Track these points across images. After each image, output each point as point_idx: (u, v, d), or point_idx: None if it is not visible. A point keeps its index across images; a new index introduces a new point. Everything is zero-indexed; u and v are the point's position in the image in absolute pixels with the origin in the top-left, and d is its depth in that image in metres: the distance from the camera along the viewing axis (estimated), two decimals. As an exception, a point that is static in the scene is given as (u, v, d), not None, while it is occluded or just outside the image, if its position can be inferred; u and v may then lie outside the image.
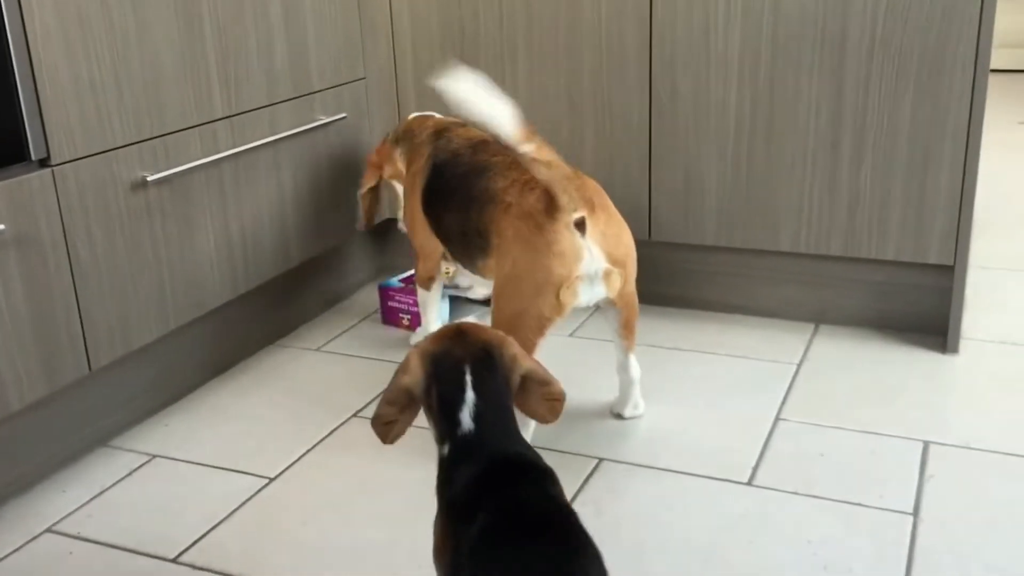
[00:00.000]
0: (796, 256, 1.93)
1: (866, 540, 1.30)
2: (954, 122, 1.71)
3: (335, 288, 2.17)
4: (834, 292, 1.93)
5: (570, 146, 1.97)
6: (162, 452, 1.59)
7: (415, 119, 1.87)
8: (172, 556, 1.32)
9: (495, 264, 1.52)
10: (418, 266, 1.82)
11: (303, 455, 1.56)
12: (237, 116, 1.72)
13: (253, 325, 1.92)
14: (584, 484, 1.44)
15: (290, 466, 1.53)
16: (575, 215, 1.42)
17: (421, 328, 1.93)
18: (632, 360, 1.59)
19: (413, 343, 1.93)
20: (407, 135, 1.84)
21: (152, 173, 1.55)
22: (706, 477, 1.45)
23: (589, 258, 1.44)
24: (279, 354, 1.93)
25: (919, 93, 1.71)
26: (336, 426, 1.64)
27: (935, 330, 1.87)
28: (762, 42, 1.79)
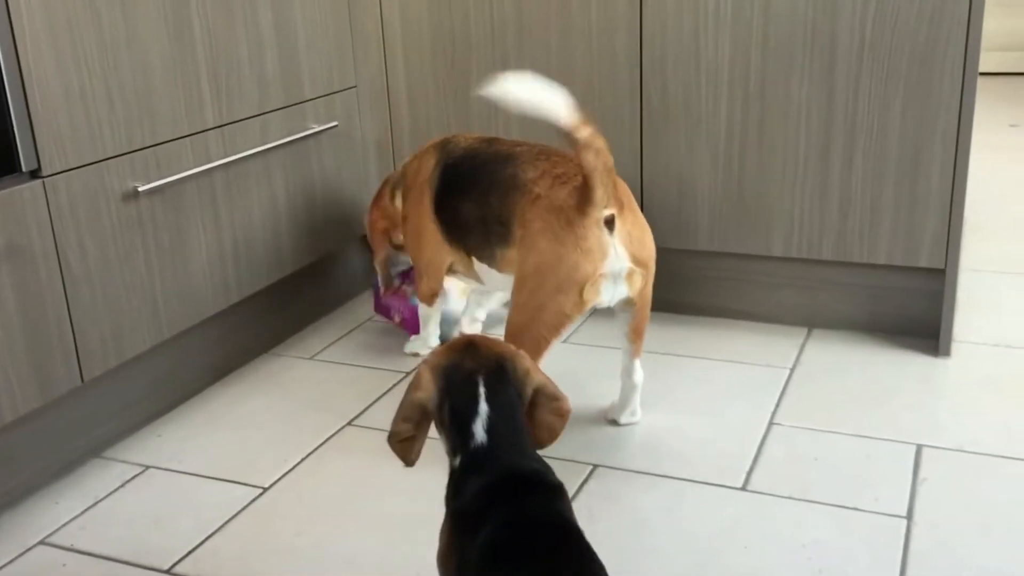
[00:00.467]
0: (788, 260, 1.93)
1: (860, 543, 1.30)
2: (944, 125, 1.71)
3: (328, 296, 2.17)
4: (826, 296, 1.94)
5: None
6: (156, 463, 1.59)
7: (409, 159, 1.83)
8: (166, 567, 1.32)
9: (517, 256, 1.49)
10: (421, 284, 1.79)
11: (297, 464, 1.56)
12: (228, 125, 1.72)
13: (246, 334, 1.92)
14: (579, 490, 1.44)
15: (284, 475, 1.53)
16: (605, 212, 1.42)
17: (418, 338, 1.93)
18: (637, 365, 1.59)
19: (408, 351, 1.93)
20: (402, 171, 1.82)
21: (143, 183, 1.55)
22: (701, 482, 1.45)
23: (615, 256, 1.43)
24: (273, 363, 1.93)
25: (909, 96, 1.72)
26: (330, 435, 1.64)
27: (927, 333, 1.87)
28: (752, 46, 1.79)
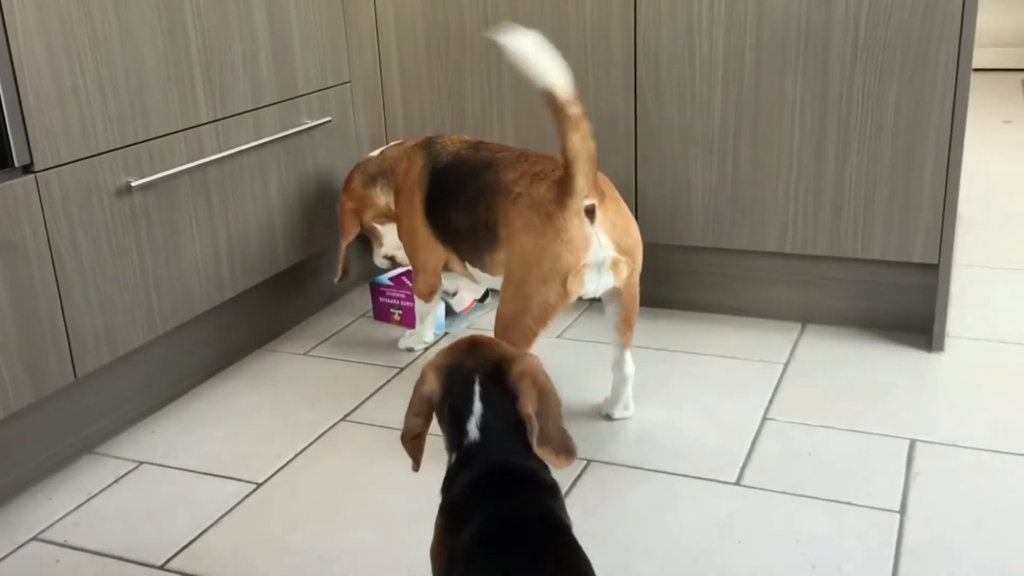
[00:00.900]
0: (782, 256, 1.93)
1: (854, 538, 1.30)
2: (937, 121, 1.72)
3: (321, 292, 2.16)
4: (820, 292, 1.94)
5: (556, 147, 1.97)
6: (149, 459, 1.58)
7: (388, 148, 1.86)
8: (160, 563, 1.32)
9: (504, 256, 1.51)
10: (418, 281, 1.80)
11: (291, 460, 1.56)
12: (222, 120, 1.72)
13: (240, 330, 1.92)
14: (573, 485, 1.45)
15: (278, 471, 1.53)
16: (586, 202, 1.42)
17: (413, 333, 1.93)
18: (628, 357, 1.59)
19: (402, 346, 1.93)
20: (384, 163, 1.83)
21: (137, 178, 1.55)
22: (694, 477, 1.45)
23: (598, 246, 1.43)
24: (267, 359, 1.93)
25: (902, 92, 1.72)
26: (324, 431, 1.64)
27: (920, 328, 1.88)
28: (746, 43, 1.79)
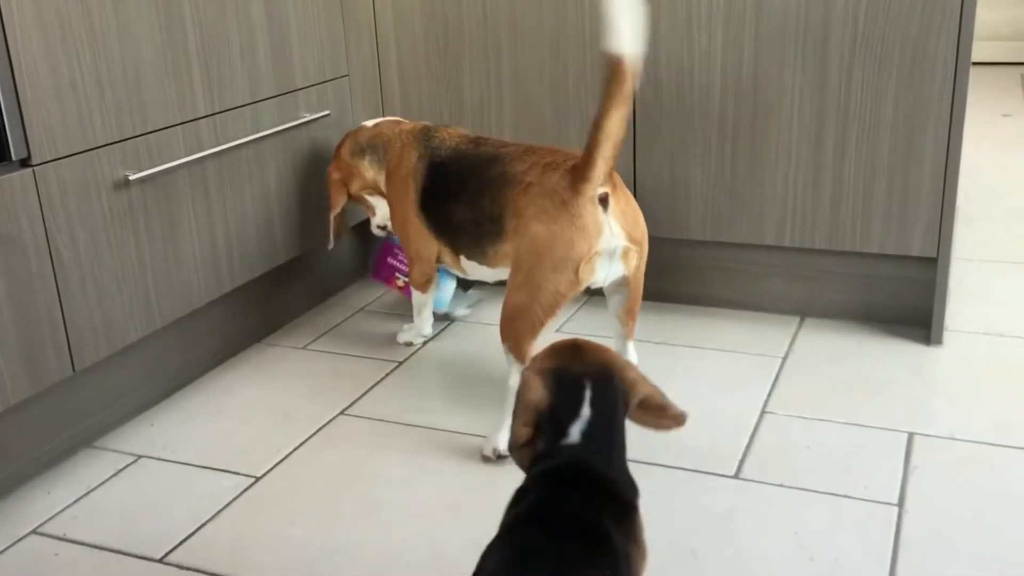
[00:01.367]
0: (781, 250, 1.93)
1: (852, 531, 1.30)
2: (936, 115, 1.71)
3: (321, 286, 2.16)
4: (819, 285, 1.94)
5: (555, 140, 1.97)
6: (148, 452, 1.58)
7: (381, 124, 1.85)
8: (158, 556, 1.32)
9: (511, 246, 1.51)
10: (414, 271, 1.80)
11: (290, 454, 1.56)
12: (220, 114, 1.72)
13: (238, 324, 1.92)
14: (571, 479, 1.45)
15: (277, 465, 1.53)
16: (600, 190, 1.43)
17: (411, 326, 1.93)
18: (631, 348, 1.59)
19: (401, 340, 1.93)
20: (375, 140, 1.82)
21: (134, 172, 1.54)
22: (693, 471, 1.45)
23: (609, 234, 1.44)
24: (265, 353, 1.93)
25: (901, 86, 1.72)
26: (322, 425, 1.64)
27: (919, 322, 1.88)
28: (745, 36, 1.79)
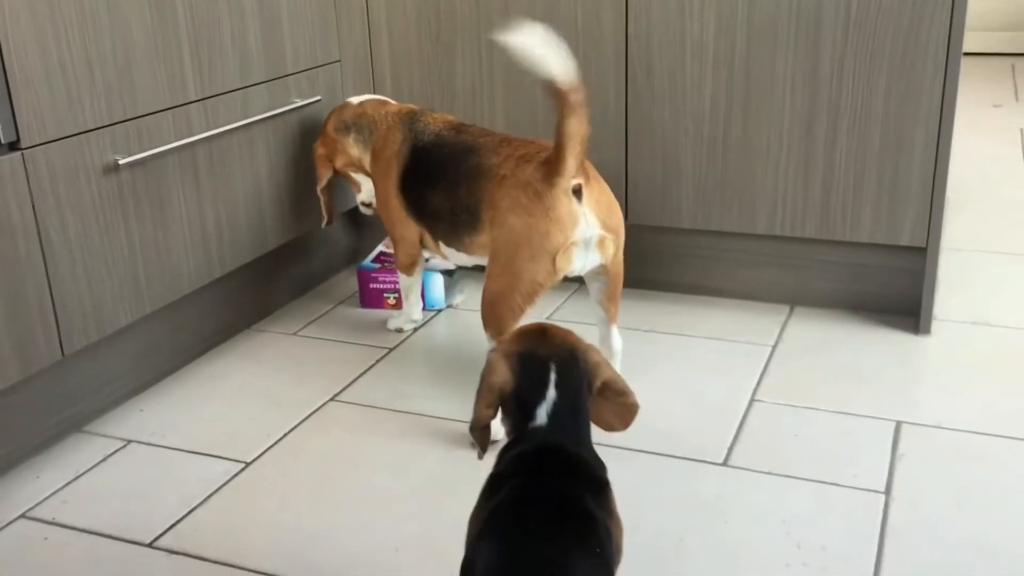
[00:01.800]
0: (771, 238, 1.94)
1: (839, 518, 1.31)
2: (927, 104, 1.72)
3: (311, 272, 2.16)
4: (809, 274, 1.95)
5: (546, 128, 1.96)
6: (137, 437, 1.58)
7: (366, 103, 1.85)
8: (148, 541, 1.32)
9: (487, 237, 1.53)
10: (398, 253, 1.80)
11: (280, 440, 1.56)
12: (210, 99, 1.71)
13: (229, 309, 1.91)
14: (560, 466, 1.45)
15: (267, 450, 1.53)
16: (573, 182, 1.45)
17: (402, 313, 1.93)
18: (615, 332, 1.60)
19: (392, 327, 1.93)
20: (360, 119, 1.83)
21: (124, 156, 1.54)
22: (682, 458, 1.46)
23: (585, 224, 1.46)
24: (256, 338, 1.92)
25: (892, 76, 1.72)
26: (313, 410, 1.64)
27: (908, 311, 1.89)
28: (737, 24, 1.79)
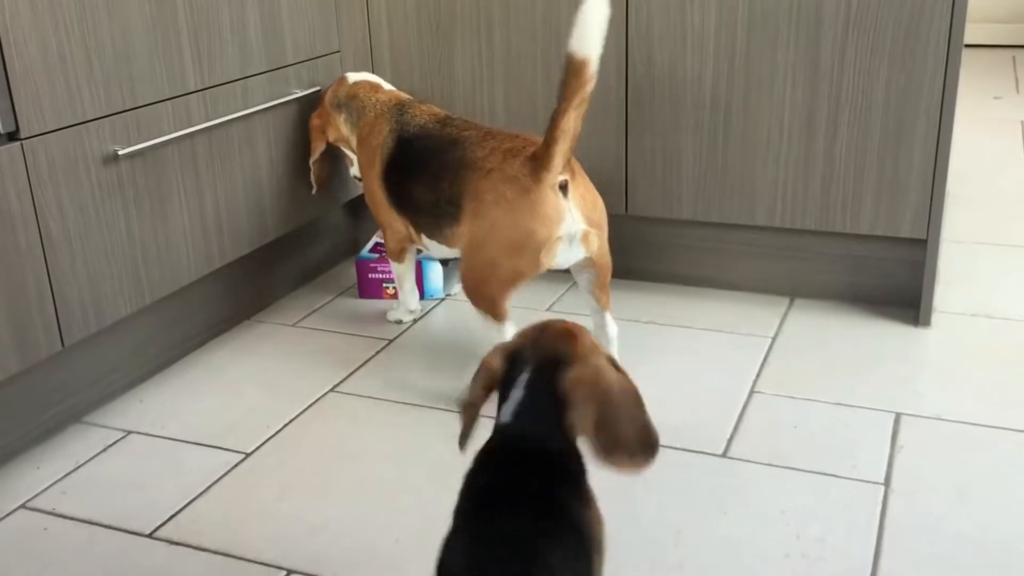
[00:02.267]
0: (771, 230, 1.94)
1: (838, 510, 1.31)
2: (928, 96, 1.71)
3: (311, 263, 2.16)
4: (808, 266, 1.95)
5: (545, 119, 1.96)
6: (137, 428, 1.58)
7: (359, 85, 1.85)
8: (148, 531, 1.32)
9: (467, 229, 1.54)
10: (388, 239, 1.80)
11: (280, 430, 1.56)
12: (210, 89, 1.71)
13: (229, 300, 1.91)
14: (560, 457, 1.45)
15: (267, 441, 1.53)
16: (560, 177, 1.48)
17: (399, 303, 1.93)
18: (609, 318, 1.62)
19: (391, 319, 1.93)
20: (352, 102, 1.83)
21: (124, 147, 1.53)
22: (681, 449, 1.46)
23: (570, 219, 1.49)
24: (255, 329, 1.92)
25: (893, 68, 1.72)
26: (313, 401, 1.64)
27: (908, 303, 1.89)
28: (738, 16, 1.78)
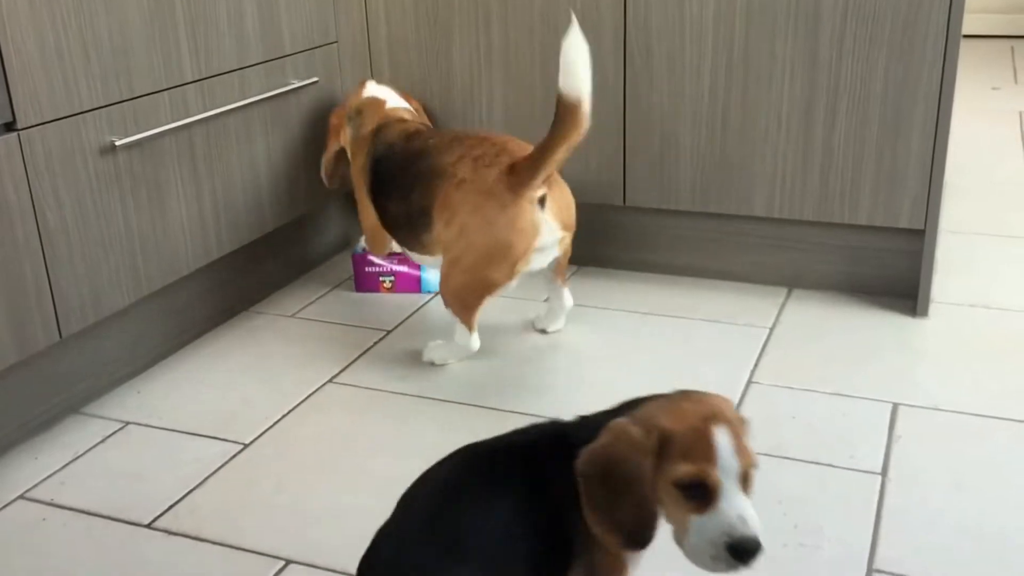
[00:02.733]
0: (770, 221, 1.94)
1: (835, 499, 1.31)
2: (926, 87, 1.71)
3: (309, 254, 2.16)
4: (807, 257, 1.95)
5: (544, 111, 1.96)
6: (135, 419, 1.58)
7: (367, 103, 1.88)
8: (146, 522, 1.32)
9: (443, 235, 1.59)
10: (370, 245, 1.90)
11: (278, 421, 1.56)
12: (207, 80, 1.70)
13: (226, 291, 1.91)
14: (558, 447, 1.45)
15: (265, 432, 1.53)
16: (539, 192, 1.53)
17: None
18: (565, 291, 1.73)
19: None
20: (356, 119, 1.87)
21: (121, 138, 1.53)
22: (679, 440, 1.46)
23: (547, 230, 1.55)
24: (253, 320, 1.92)
25: (892, 58, 1.72)
26: (311, 392, 1.64)
27: (905, 294, 1.89)
28: (736, 7, 1.78)
